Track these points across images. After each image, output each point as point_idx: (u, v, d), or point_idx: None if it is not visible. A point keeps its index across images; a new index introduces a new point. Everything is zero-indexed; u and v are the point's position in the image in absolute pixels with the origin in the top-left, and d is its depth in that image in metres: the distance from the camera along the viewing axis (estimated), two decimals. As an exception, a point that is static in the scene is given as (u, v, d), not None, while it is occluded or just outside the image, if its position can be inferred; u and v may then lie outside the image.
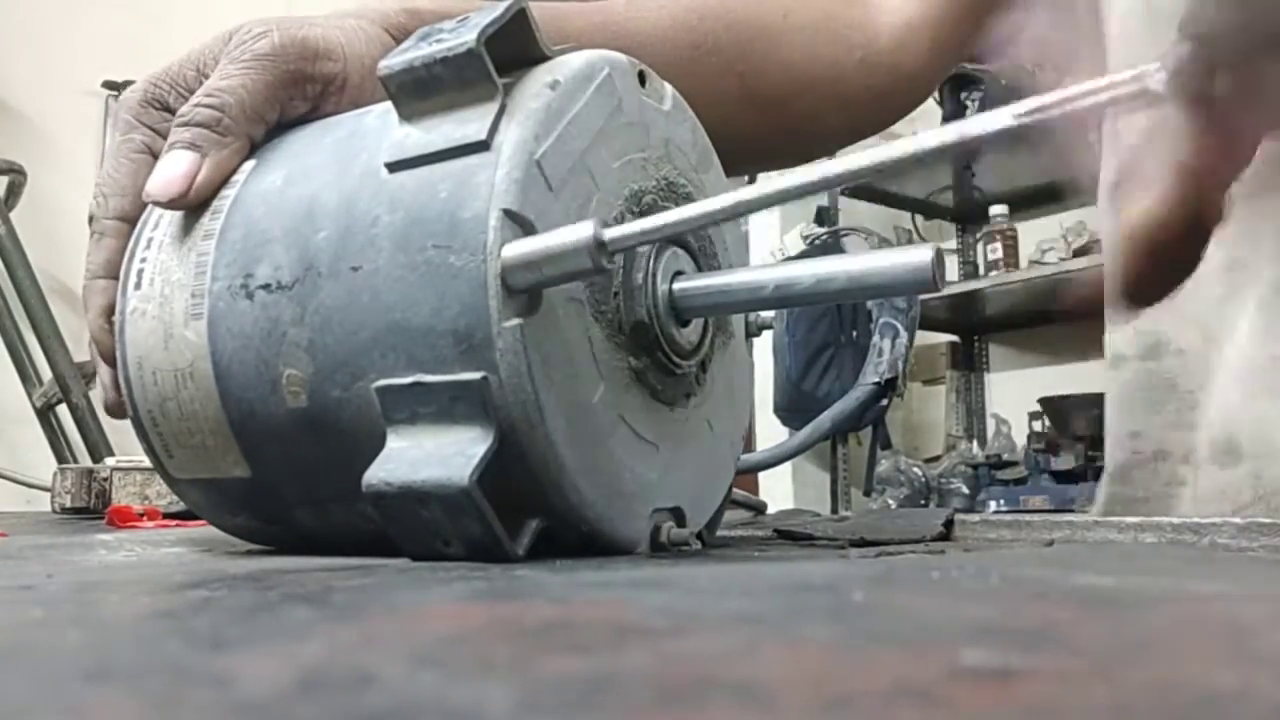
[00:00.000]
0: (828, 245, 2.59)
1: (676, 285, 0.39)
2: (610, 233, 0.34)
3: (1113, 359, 0.63)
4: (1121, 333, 0.61)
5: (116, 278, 0.44)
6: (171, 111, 0.47)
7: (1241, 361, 0.56)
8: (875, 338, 0.63)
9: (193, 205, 0.42)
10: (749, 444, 0.47)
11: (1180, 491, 0.59)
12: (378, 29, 0.48)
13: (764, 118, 0.66)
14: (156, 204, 0.43)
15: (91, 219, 0.46)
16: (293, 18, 0.46)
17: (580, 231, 0.33)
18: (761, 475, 2.91)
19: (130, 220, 0.45)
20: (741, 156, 0.64)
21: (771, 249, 2.71)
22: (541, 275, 0.34)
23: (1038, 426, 2.84)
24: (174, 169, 0.42)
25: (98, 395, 0.46)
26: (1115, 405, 0.63)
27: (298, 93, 0.45)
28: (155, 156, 0.45)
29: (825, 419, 0.70)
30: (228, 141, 0.43)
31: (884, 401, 0.68)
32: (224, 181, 0.43)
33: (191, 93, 0.46)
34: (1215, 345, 0.57)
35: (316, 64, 0.45)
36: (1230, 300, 0.56)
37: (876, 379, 0.65)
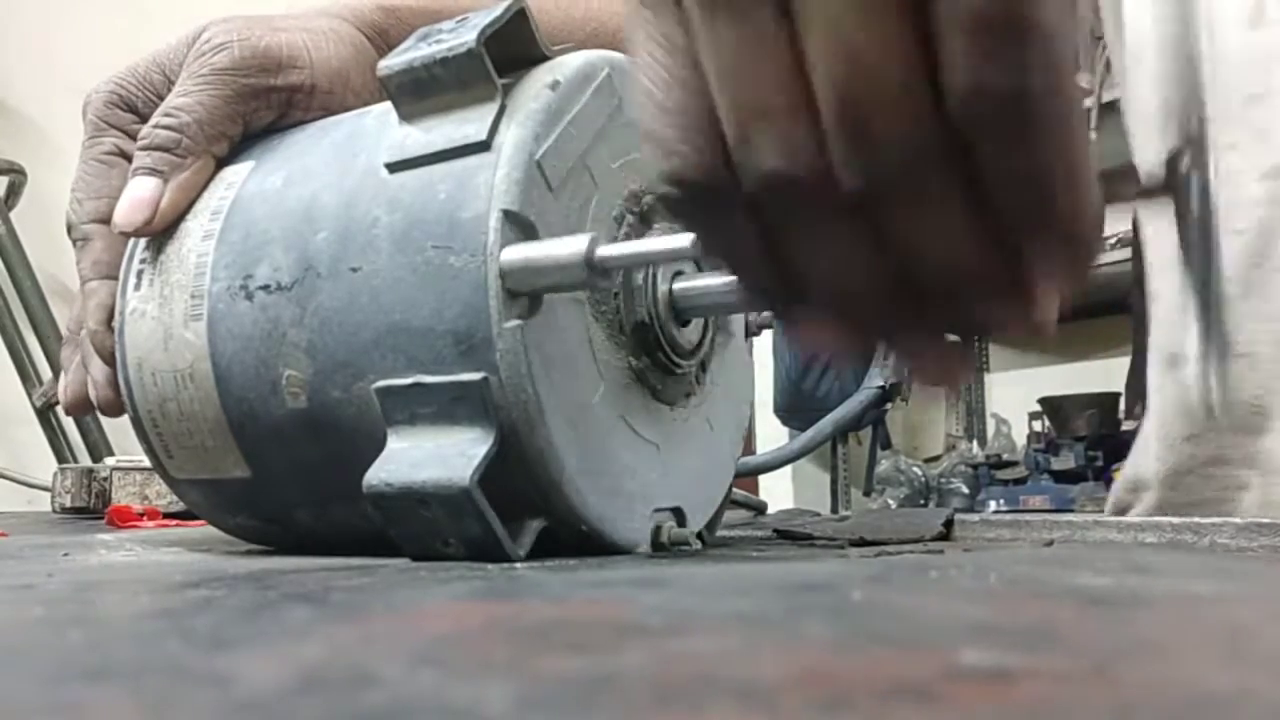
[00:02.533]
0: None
1: (677, 285, 0.39)
2: (604, 251, 0.34)
3: (1170, 359, 0.60)
4: (1183, 333, 0.59)
5: (109, 278, 0.44)
6: (138, 113, 0.46)
7: None
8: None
9: (159, 231, 0.42)
10: (749, 444, 0.47)
11: (1239, 496, 0.57)
12: (350, 28, 0.47)
13: None
14: (124, 234, 0.43)
15: (70, 227, 0.46)
16: (260, 20, 0.45)
17: (574, 245, 0.33)
18: (761, 475, 2.91)
19: (109, 221, 0.44)
20: None
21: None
22: (536, 283, 0.34)
23: (1038, 426, 2.83)
24: (138, 196, 0.42)
25: (63, 392, 0.46)
26: (1168, 408, 0.61)
27: (260, 104, 0.44)
28: (125, 157, 0.45)
29: (827, 423, 0.70)
30: (188, 163, 0.43)
31: (888, 405, 0.67)
32: (189, 202, 0.43)
33: (157, 95, 0.46)
34: None
35: (279, 75, 0.44)
36: None
37: (881, 383, 0.65)
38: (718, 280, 0.40)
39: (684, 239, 0.33)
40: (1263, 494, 0.56)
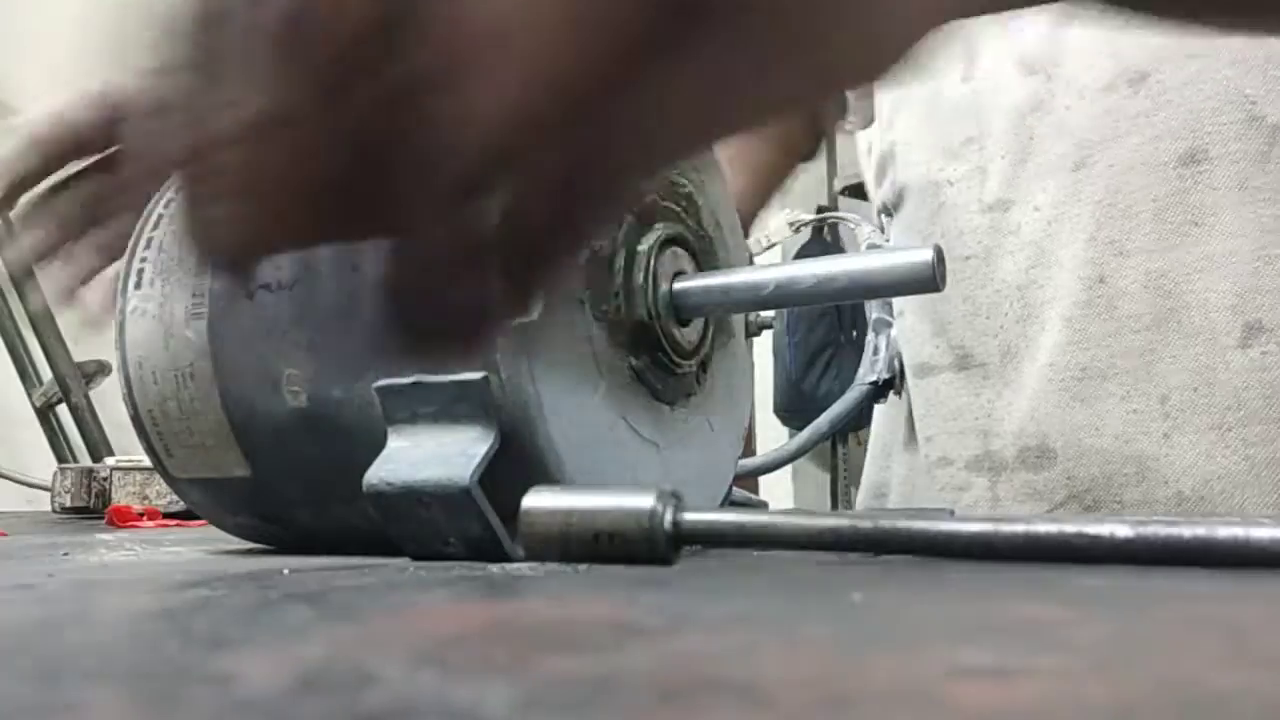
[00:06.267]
0: (817, 244, 2.58)
1: (677, 285, 0.39)
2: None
3: (918, 368, 0.67)
4: (930, 344, 0.66)
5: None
6: None
7: (1049, 373, 0.60)
8: (870, 334, 0.61)
9: None
10: (749, 444, 0.47)
11: (960, 497, 0.63)
12: None
13: None
14: None
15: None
16: None
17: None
18: (761, 475, 2.90)
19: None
20: None
21: (756, 237, 2.72)
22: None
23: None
24: None
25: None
26: (916, 411, 0.68)
27: None
28: None
29: (824, 421, 0.71)
30: None
31: (882, 400, 0.67)
32: None
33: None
34: (1013, 360, 0.62)
35: None
36: (1029, 319, 0.62)
37: (874, 378, 0.64)
38: (718, 280, 0.40)
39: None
40: (992, 491, 0.62)
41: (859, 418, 0.75)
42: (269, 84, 0.21)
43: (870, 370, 0.73)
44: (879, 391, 0.73)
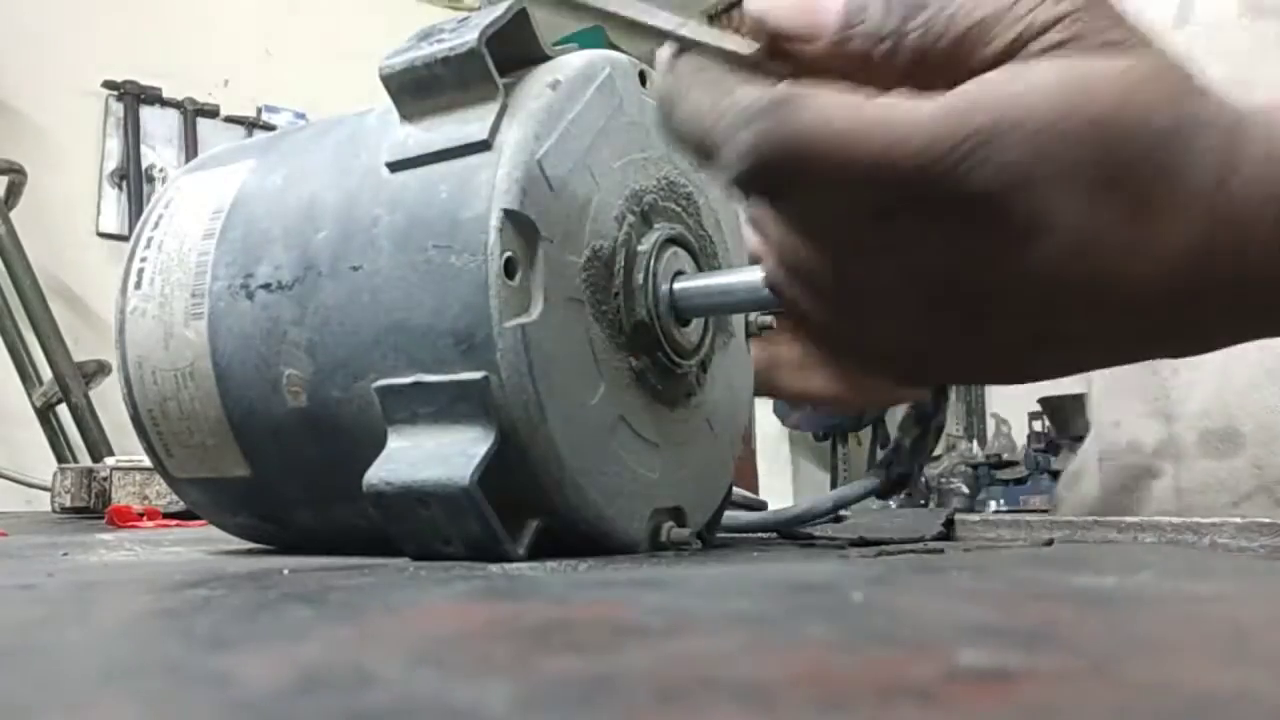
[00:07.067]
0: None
1: (677, 285, 0.39)
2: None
3: None
4: None
5: None
6: None
7: (1237, 350, 0.55)
8: (896, 433, 0.58)
9: None
10: (749, 444, 0.47)
11: (1151, 485, 0.58)
12: None
13: None
14: None
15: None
16: None
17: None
18: (761, 474, 2.91)
19: None
20: None
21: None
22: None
23: (1038, 426, 2.83)
24: None
25: None
26: (1099, 394, 0.63)
27: None
28: None
29: (827, 500, 0.64)
30: None
31: (895, 495, 0.63)
32: None
33: None
34: None
35: None
36: None
37: (884, 473, 0.58)
38: (718, 280, 0.40)
39: None
40: (1174, 481, 0.56)
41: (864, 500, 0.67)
42: None
43: (881, 466, 0.66)
44: (895, 485, 0.67)
